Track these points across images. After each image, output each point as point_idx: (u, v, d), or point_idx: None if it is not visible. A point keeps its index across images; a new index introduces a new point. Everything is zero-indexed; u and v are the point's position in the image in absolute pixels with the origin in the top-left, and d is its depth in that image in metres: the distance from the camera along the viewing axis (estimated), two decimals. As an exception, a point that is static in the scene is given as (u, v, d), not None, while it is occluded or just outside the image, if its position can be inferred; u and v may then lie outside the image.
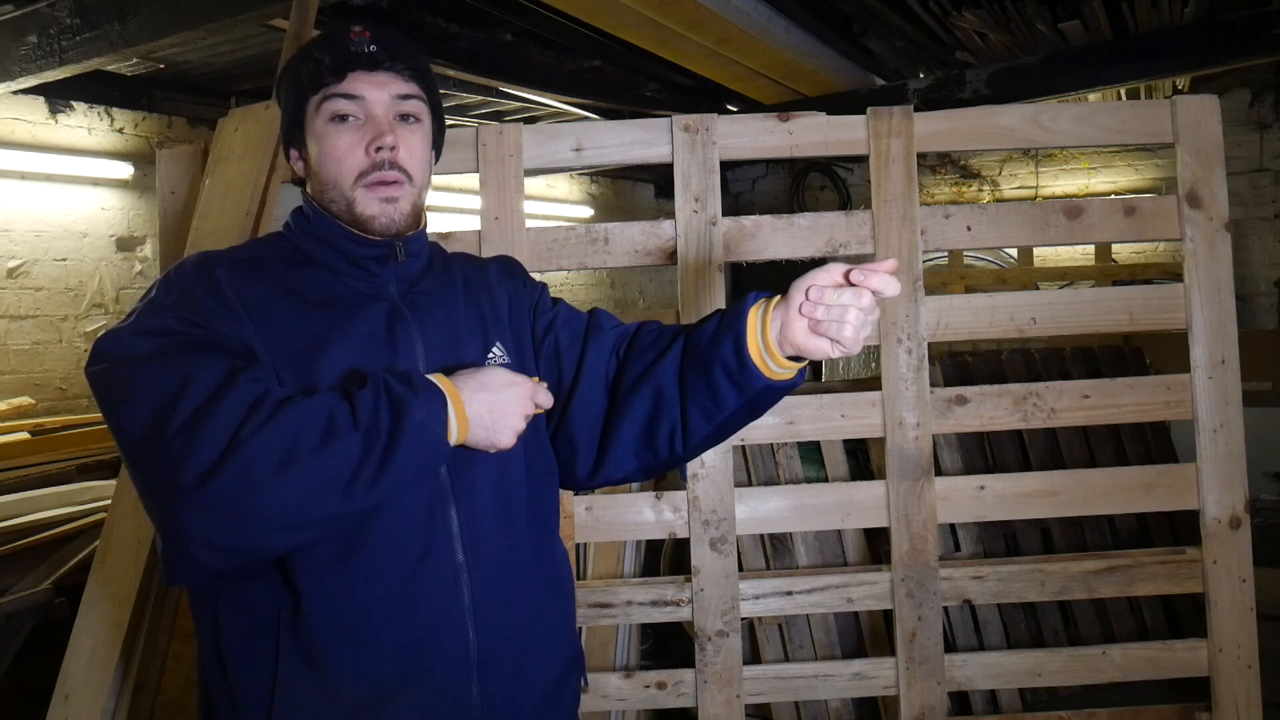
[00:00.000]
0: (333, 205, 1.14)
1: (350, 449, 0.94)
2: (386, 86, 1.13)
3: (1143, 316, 2.19)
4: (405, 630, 1.06)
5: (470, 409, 1.03)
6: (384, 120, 1.13)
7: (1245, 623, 2.14)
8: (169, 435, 0.92)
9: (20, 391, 4.05)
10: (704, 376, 1.11)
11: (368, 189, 1.12)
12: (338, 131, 1.13)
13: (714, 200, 2.17)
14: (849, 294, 0.98)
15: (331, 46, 1.13)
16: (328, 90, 1.13)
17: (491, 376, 1.06)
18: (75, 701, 1.88)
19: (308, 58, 1.14)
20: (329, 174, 1.14)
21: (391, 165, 1.12)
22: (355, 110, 1.12)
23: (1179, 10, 4.07)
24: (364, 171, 1.12)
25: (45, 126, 4.27)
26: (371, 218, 1.13)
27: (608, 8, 3.56)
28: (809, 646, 2.77)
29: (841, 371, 5.57)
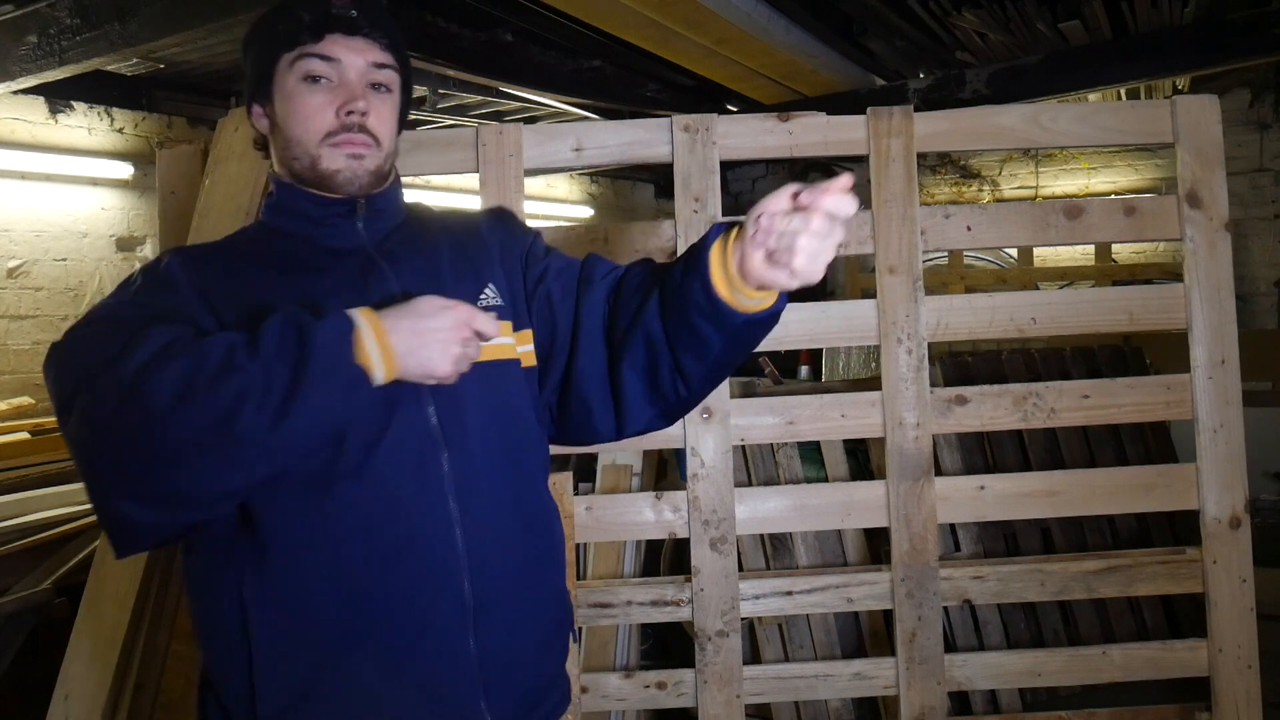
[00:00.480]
0: (295, 163, 1.13)
1: (250, 377, 0.91)
2: (363, 53, 1.12)
3: (1143, 316, 2.19)
4: (398, 583, 1.04)
5: (394, 338, 0.98)
6: (357, 85, 1.12)
7: (1245, 623, 2.14)
8: (84, 390, 0.93)
9: (20, 391, 4.05)
10: (683, 320, 1.08)
11: (334, 147, 1.11)
12: (309, 91, 1.11)
13: (714, 200, 2.17)
14: (798, 218, 0.93)
15: (312, 5, 1.12)
16: (304, 49, 1.11)
17: (421, 304, 1.01)
18: (75, 701, 1.88)
19: (286, 14, 1.12)
20: (295, 131, 1.12)
21: (361, 129, 1.12)
22: (329, 72, 1.11)
23: (1179, 10, 4.07)
24: (332, 131, 1.11)
25: (45, 126, 4.27)
26: (336, 171, 1.12)
27: (608, 8, 3.56)
28: (809, 646, 2.76)
29: (841, 371, 5.57)
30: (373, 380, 0.97)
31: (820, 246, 0.93)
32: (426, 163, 2.15)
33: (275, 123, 1.15)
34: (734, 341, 1.09)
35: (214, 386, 0.90)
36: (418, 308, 1.00)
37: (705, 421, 2.14)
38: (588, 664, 2.42)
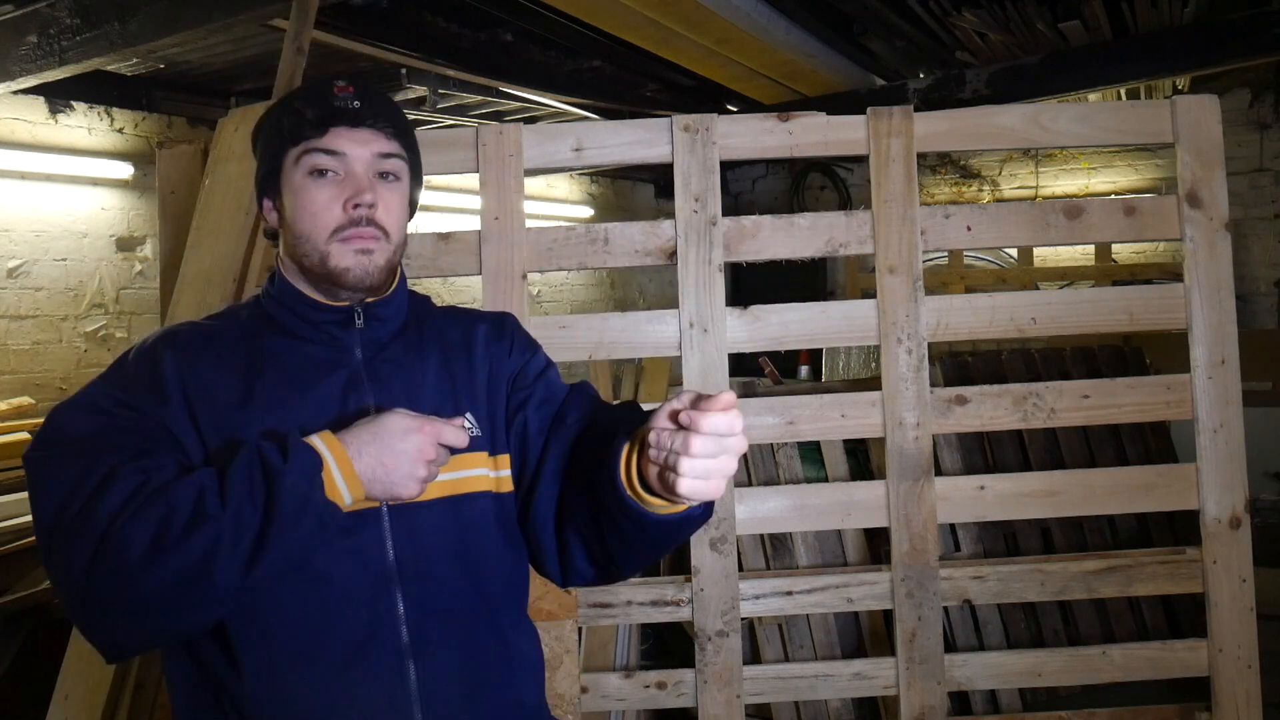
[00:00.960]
0: (305, 259, 1.12)
1: (220, 526, 0.92)
2: (368, 144, 1.12)
3: (1143, 316, 2.19)
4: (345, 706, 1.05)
5: (359, 464, 0.99)
6: (363, 177, 1.11)
7: (1245, 623, 2.14)
8: (59, 536, 0.95)
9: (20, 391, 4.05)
10: (603, 509, 1.03)
11: (343, 242, 1.10)
12: (316, 186, 1.10)
13: (714, 200, 2.17)
14: (679, 439, 0.89)
15: (314, 99, 1.11)
16: (308, 144, 1.10)
17: (386, 424, 1.01)
18: (75, 701, 1.88)
19: (289, 109, 1.13)
20: (304, 227, 1.11)
21: (369, 222, 1.10)
22: (335, 166, 1.10)
23: (1179, 10, 4.07)
24: (340, 227, 1.10)
25: (45, 126, 4.27)
26: (346, 270, 1.10)
27: (608, 8, 3.56)
28: (809, 646, 2.76)
29: (842, 371, 5.57)
30: (342, 509, 0.99)
31: (708, 467, 0.88)
32: (426, 163, 2.11)
33: (284, 217, 1.15)
34: (654, 540, 1.04)
35: (186, 537, 0.92)
36: (384, 427, 1.01)
37: (705, 421, 2.14)
38: (588, 664, 2.42)
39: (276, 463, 0.95)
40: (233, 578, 0.93)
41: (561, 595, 2.04)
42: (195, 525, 0.92)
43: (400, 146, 1.15)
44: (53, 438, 1.02)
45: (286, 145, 1.12)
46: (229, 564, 0.92)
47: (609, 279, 7.63)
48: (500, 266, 2.14)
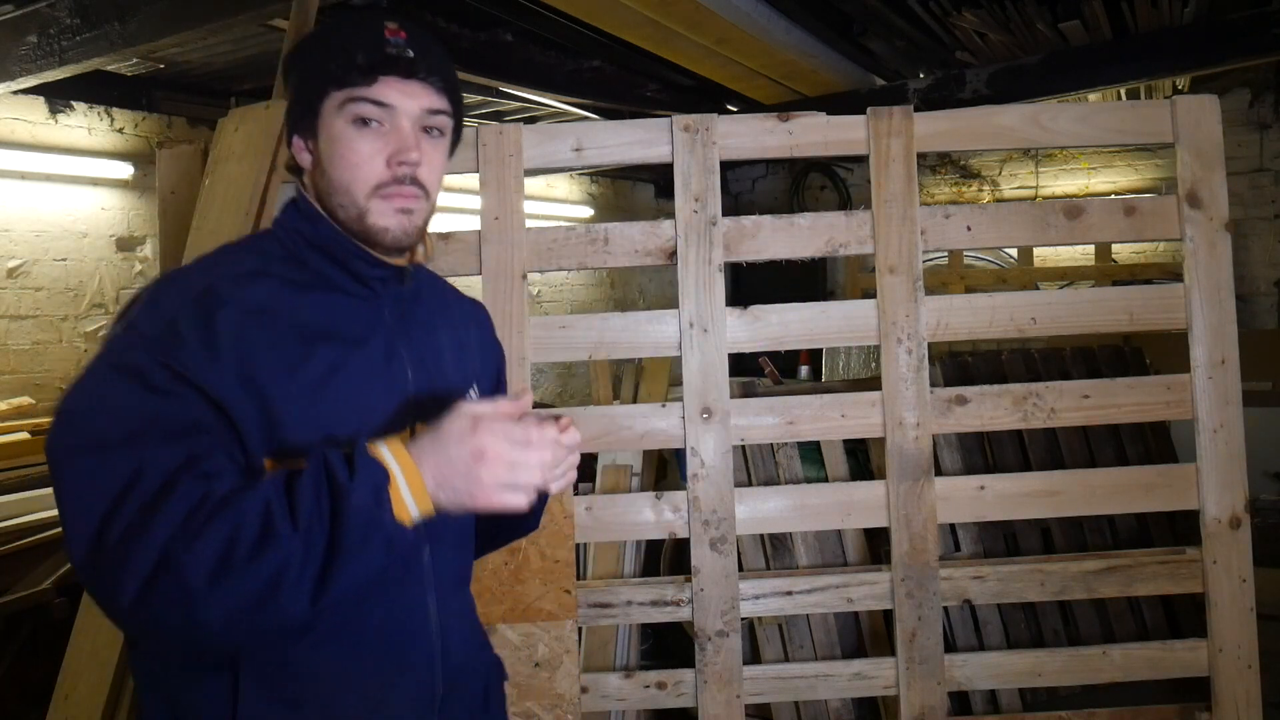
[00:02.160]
0: (340, 210, 1.06)
1: (289, 549, 0.86)
2: (418, 98, 1.05)
3: (1143, 316, 2.19)
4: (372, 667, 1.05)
5: (427, 474, 0.92)
6: (410, 133, 1.05)
7: (1245, 623, 2.14)
8: (108, 549, 0.86)
9: (20, 391, 4.05)
10: None
11: (384, 199, 1.05)
12: (359, 135, 1.04)
13: (714, 200, 2.17)
14: None
15: (365, 42, 1.03)
16: (354, 91, 1.03)
17: (449, 429, 0.93)
18: (75, 701, 1.88)
19: (335, 47, 1.04)
20: (341, 178, 1.05)
21: (412, 180, 1.06)
22: (381, 116, 1.04)
23: (1179, 10, 4.07)
24: (382, 183, 1.05)
25: (45, 126, 4.27)
26: (385, 229, 1.05)
27: (608, 8, 3.56)
28: (809, 646, 2.76)
29: (842, 371, 5.57)
30: (409, 527, 0.92)
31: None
32: (426, 163, 2.15)
33: (319, 161, 1.08)
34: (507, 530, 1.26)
35: (252, 560, 0.85)
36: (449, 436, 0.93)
37: (705, 421, 2.14)
38: (588, 664, 2.42)
39: (343, 480, 0.89)
40: (303, 603, 0.87)
41: (561, 595, 2.04)
42: (263, 547, 0.86)
43: (449, 102, 1.09)
44: (88, 423, 0.91)
45: (329, 86, 1.04)
46: (295, 589, 0.87)
47: (609, 279, 7.63)
48: (500, 266, 2.14)
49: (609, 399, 3.42)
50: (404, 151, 1.04)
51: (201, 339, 0.95)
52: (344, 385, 1.03)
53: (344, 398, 1.02)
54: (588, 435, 2.18)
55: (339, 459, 0.90)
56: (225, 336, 0.96)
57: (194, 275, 1.04)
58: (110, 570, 0.85)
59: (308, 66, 1.07)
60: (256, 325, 0.99)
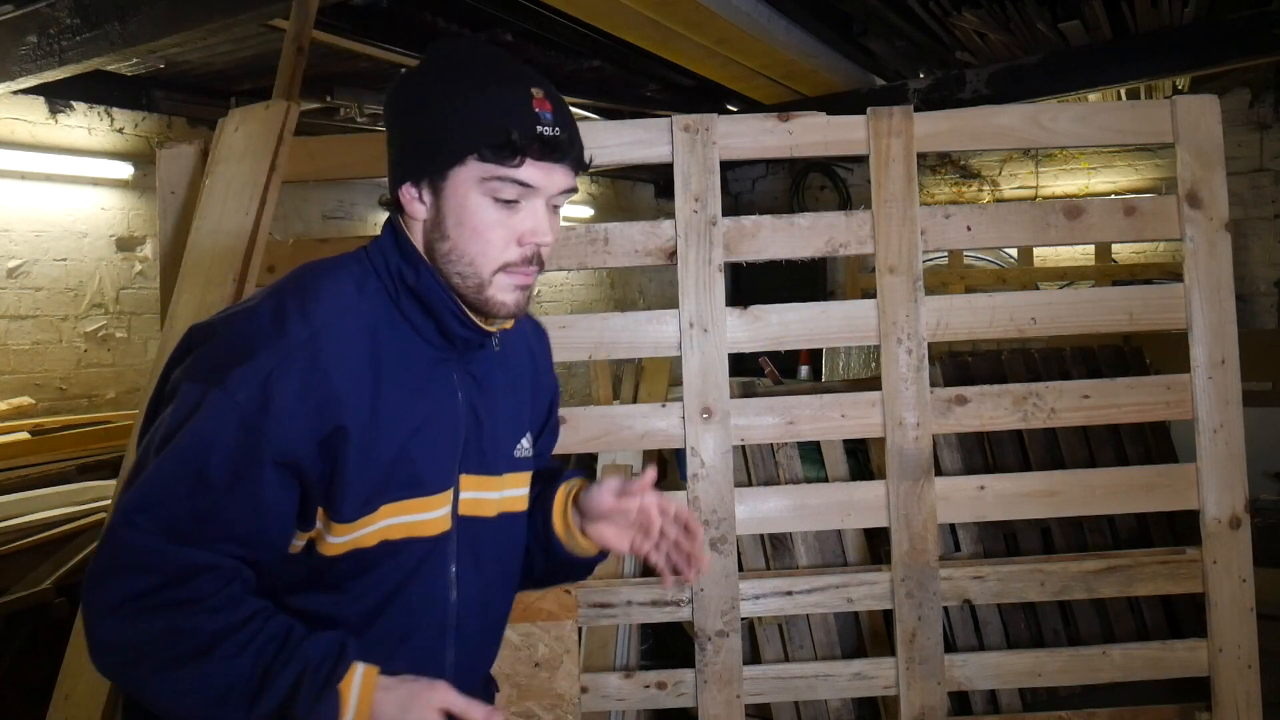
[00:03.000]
0: (457, 278, 1.04)
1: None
2: (557, 179, 1.03)
3: (1143, 316, 2.19)
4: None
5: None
6: (545, 213, 1.04)
7: (1245, 623, 2.14)
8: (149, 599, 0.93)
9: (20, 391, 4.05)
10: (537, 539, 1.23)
11: (508, 275, 1.04)
12: (495, 212, 1.02)
13: (714, 200, 2.17)
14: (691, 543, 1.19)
15: (518, 116, 0.99)
16: (500, 170, 1.00)
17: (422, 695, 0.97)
18: (75, 701, 1.88)
19: (483, 113, 0.99)
20: (468, 249, 1.03)
21: (539, 260, 1.05)
22: (520, 196, 1.02)
23: (1179, 10, 4.07)
24: (510, 262, 1.03)
25: (45, 126, 4.27)
26: (503, 304, 1.05)
27: (608, 8, 3.56)
28: (809, 646, 2.76)
29: (842, 371, 5.57)
30: None
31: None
32: (426, 163, 2.15)
33: (439, 221, 1.04)
34: (558, 567, 1.26)
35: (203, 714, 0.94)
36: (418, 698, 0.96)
37: (705, 421, 2.14)
38: (588, 664, 2.42)
39: (302, 709, 0.93)
40: None
41: (562, 596, 2.04)
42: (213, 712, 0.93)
43: (576, 178, 1.07)
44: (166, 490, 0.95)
45: (471, 155, 1.00)
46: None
47: (609, 279, 7.62)
48: (500, 266, 2.14)
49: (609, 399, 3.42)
50: (538, 233, 1.04)
51: (293, 407, 0.96)
52: (404, 455, 1.04)
53: (403, 464, 1.04)
54: (588, 435, 2.18)
55: (312, 687, 0.93)
56: (316, 397, 0.97)
57: (293, 317, 1.00)
58: (105, 617, 0.94)
59: (444, 122, 1.01)
60: (347, 381, 1.00)
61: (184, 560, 0.94)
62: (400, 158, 1.06)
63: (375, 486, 1.02)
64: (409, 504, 1.05)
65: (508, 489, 1.16)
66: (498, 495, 1.14)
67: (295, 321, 0.99)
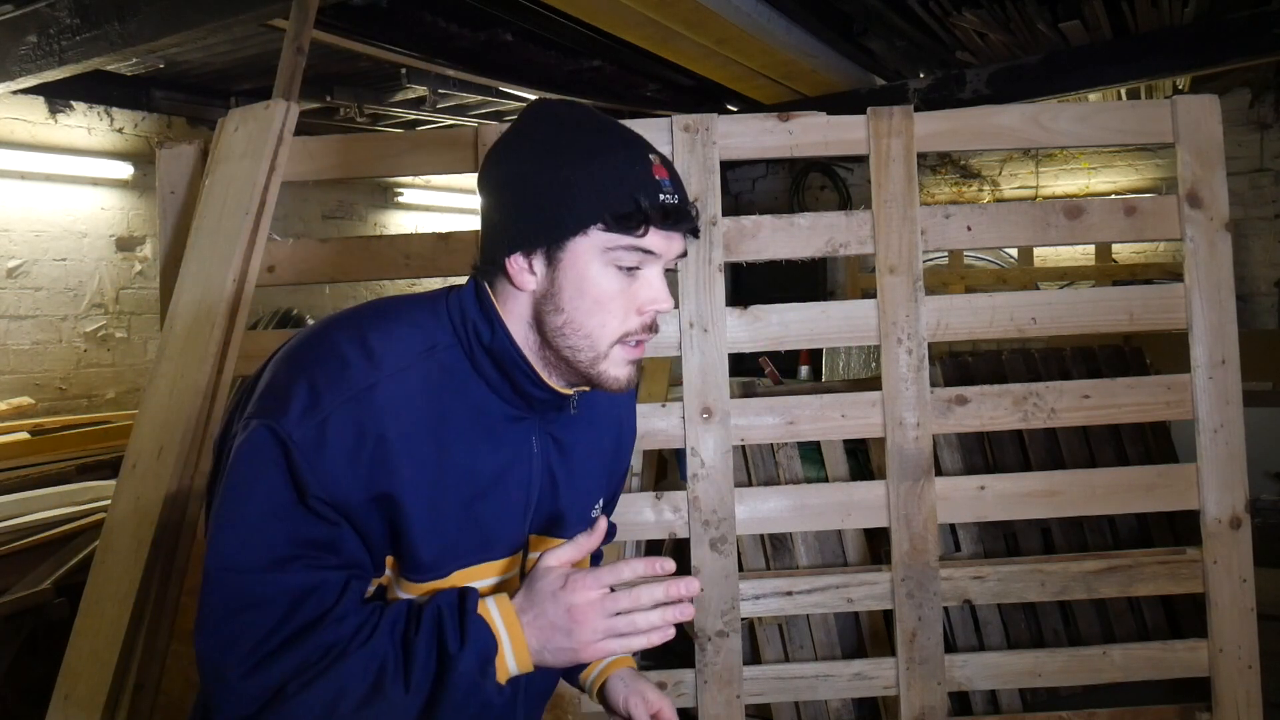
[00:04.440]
0: (569, 351, 1.00)
1: (392, 711, 0.92)
2: (675, 244, 1.01)
3: (1143, 316, 2.19)
4: None
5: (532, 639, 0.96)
6: (662, 280, 1.01)
7: (1246, 623, 2.14)
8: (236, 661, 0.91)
9: (20, 391, 4.05)
10: None
11: (625, 347, 1.01)
12: (616, 279, 0.99)
13: (714, 200, 2.17)
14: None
15: (642, 184, 0.97)
16: (625, 239, 0.97)
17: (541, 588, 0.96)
18: (75, 701, 1.87)
19: (609, 183, 0.97)
20: (587, 321, 0.99)
21: (655, 328, 1.02)
22: (640, 262, 1.00)
23: (1179, 10, 4.07)
24: (631, 331, 1.00)
25: (45, 126, 4.27)
26: (616, 379, 1.02)
27: (608, 8, 3.56)
28: (809, 646, 2.76)
29: (842, 371, 5.57)
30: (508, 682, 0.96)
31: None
32: (426, 163, 2.15)
33: (553, 292, 1.00)
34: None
35: (358, 712, 0.91)
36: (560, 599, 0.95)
37: (705, 421, 2.14)
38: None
39: (453, 645, 0.92)
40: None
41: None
42: (370, 702, 0.91)
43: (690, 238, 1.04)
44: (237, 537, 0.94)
45: (593, 223, 0.97)
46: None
47: (609, 279, 7.62)
48: (500, 266, 2.14)
49: (609, 399, 3.42)
50: (658, 301, 1.00)
51: (348, 454, 0.93)
52: (472, 516, 1.01)
53: (471, 525, 1.02)
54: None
55: (452, 621, 0.93)
56: (370, 452, 0.94)
57: (358, 362, 0.96)
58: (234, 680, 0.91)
59: (565, 191, 0.97)
60: (405, 440, 0.96)
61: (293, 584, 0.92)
62: (509, 225, 1.01)
63: (444, 550, 1.00)
64: (481, 569, 1.04)
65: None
66: None
67: (360, 365, 0.96)
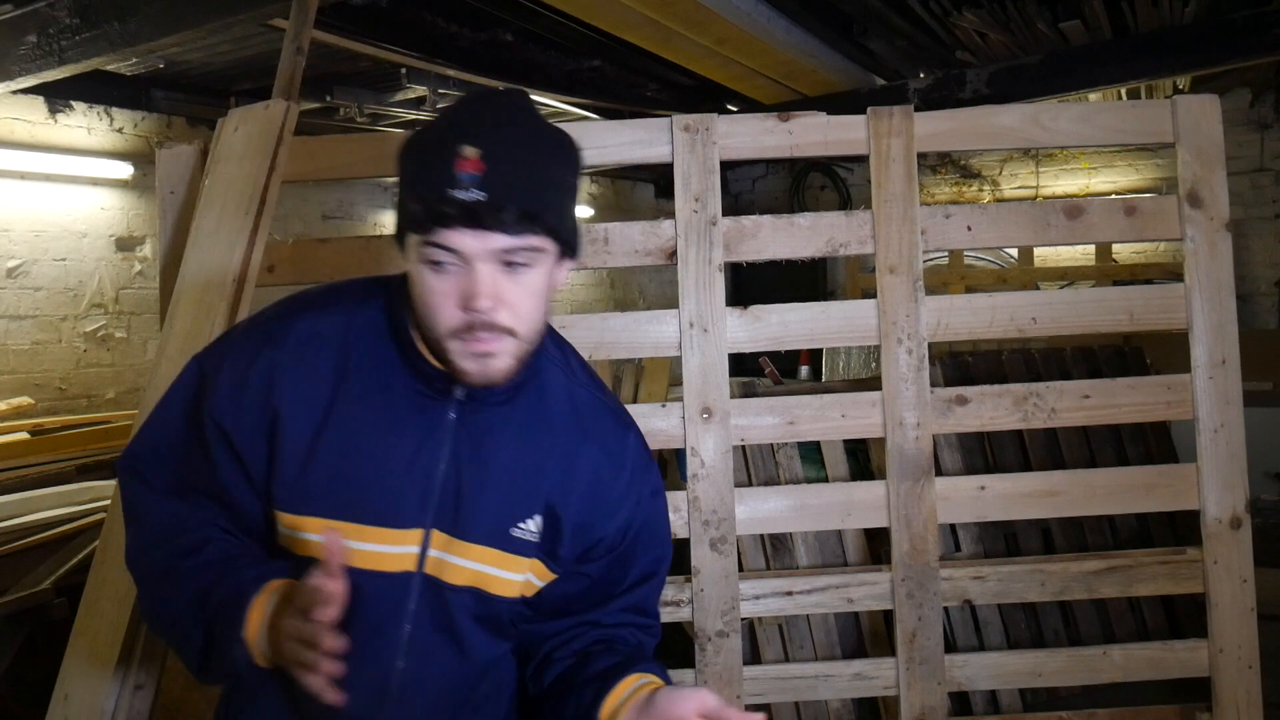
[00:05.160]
0: (426, 340, 1.03)
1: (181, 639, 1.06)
2: (490, 241, 0.96)
3: (1143, 316, 2.19)
4: None
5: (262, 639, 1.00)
6: (483, 276, 0.96)
7: (1246, 623, 2.14)
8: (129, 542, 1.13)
9: (20, 391, 4.05)
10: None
11: (461, 342, 0.99)
12: (433, 276, 0.98)
13: (714, 200, 2.17)
14: None
15: (432, 183, 0.95)
16: (424, 237, 0.97)
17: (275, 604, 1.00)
18: (75, 701, 1.87)
19: (410, 180, 0.99)
20: (423, 315, 1.01)
21: (488, 326, 0.97)
22: (452, 260, 0.97)
23: (1179, 10, 4.07)
24: (457, 329, 0.98)
25: (45, 126, 4.27)
26: (465, 371, 1.01)
27: (608, 8, 3.56)
28: (809, 647, 2.76)
29: (842, 371, 5.57)
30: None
31: None
32: (426, 163, 2.15)
33: (410, 280, 1.03)
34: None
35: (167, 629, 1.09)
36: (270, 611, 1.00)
37: (705, 421, 2.14)
38: (588, 664, 2.41)
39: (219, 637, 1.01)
40: (194, 669, 1.06)
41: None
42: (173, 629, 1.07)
43: (534, 231, 0.98)
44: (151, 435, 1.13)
45: (404, 223, 1.00)
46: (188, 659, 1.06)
47: (609, 279, 7.63)
48: (500, 266, 2.14)
49: (609, 399, 3.41)
50: (474, 298, 0.97)
51: (240, 376, 1.07)
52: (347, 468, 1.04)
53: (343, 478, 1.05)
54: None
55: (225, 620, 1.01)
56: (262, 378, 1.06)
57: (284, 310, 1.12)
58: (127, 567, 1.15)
59: (400, 189, 1.02)
60: (300, 375, 1.06)
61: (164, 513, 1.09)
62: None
63: (309, 490, 1.05)
64: (346, 527, 1.02)
65: (489, 565, 1.07)
66: (470, 565, 1.07)
67: (278, 319, 1.11)
